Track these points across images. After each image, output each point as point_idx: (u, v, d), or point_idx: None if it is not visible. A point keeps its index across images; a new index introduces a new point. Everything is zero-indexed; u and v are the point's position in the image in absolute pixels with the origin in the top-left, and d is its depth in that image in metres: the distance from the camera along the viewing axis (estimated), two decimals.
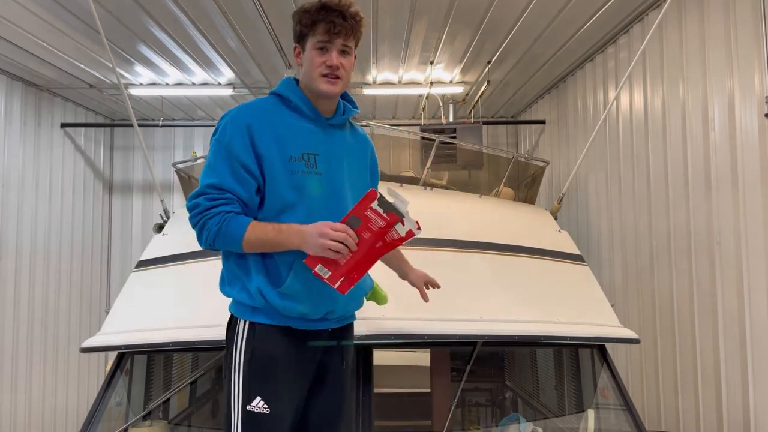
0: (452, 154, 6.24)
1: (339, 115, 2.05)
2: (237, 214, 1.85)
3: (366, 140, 2.21)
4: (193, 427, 4.18)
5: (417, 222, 1.72)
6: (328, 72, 1.91)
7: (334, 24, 1.87)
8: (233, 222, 1.83)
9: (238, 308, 1.98)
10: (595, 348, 3.43)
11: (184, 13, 5.21)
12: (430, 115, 8.22)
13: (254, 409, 1.88)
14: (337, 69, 1.92)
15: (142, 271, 3.73)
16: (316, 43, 1.91)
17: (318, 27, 1.89)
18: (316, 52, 1.92)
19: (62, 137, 7.78)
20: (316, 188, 1.92)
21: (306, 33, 1.93)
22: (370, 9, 5.22)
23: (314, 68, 1.93)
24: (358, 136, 2.17)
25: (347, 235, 1.75)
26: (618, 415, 3.24)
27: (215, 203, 1.84)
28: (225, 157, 1.87)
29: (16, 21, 5.21)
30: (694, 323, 4.36)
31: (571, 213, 6.80)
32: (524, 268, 3.61)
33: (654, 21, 4.32)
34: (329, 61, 1.90)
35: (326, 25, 1.87)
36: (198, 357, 3.96)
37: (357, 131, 2.18)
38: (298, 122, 1.97)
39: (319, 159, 1.94)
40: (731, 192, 3.95)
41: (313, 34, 1.90)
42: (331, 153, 1.98)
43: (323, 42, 1.90)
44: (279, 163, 1.89)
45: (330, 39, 1.89)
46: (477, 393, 4.79)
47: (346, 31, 1.90)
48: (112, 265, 8.99)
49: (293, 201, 1.90)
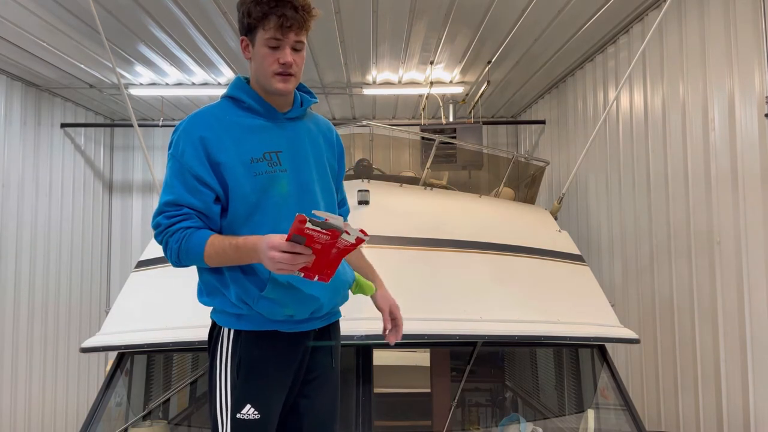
0: (452, 154, 6.25)
1: (297, 108, 1.97)
2: (197, 229, 1.80)
3: (329, 127, 2.13)
4: (193, 427, 4.18)
5: (361, 230, 1.62)
6: (281, 70, 1.83)
7: (286, 17, 1.77)
8: (193, 238, 1.78)
9: (220, 317, 1.93)
10: (595, 348, 3.43)
11: (184, 13, 5.21)
12: (430, 115, 8.22)
13: (244, 416, 1.85)
14: (291, 66, 1.84)
15: (142, 271, 3.73)
16: (268, 40, 1.81)
17: (269, 21, 1.78)
18: (267, 50, 1.82)
19: (62, 137, 7.78)
20: (284, 186, 1.87)
21: (255, 26, 1.82)
22: (370, 9, 5.22)
23: (267, 66, 1.84)
24: (321, 125, 2.10)
25: (294, 254, 1.59)
26: (618, 415, 3.24)
27: (173, 220, 1.81)
28: (178, 172, 1.84)
29: (16, 21, 5.21)
30: (694, 323, 4.36)
31: (571, 213, 6.80)
32: (524, 268, 3.61)
33: (654, 21, 4.32)
34: (282, 58, 1.82)
35: (278, 19, 1.77)
36: (198, 357, 3.96)
37: (318, 120, 2.11)
38: (255, 122, 1.91)
39: (283, 156, 1.89)
40: (731, 192, 3.95)
41: (264, 28, 1.80)
42: (294, 147, 1.93)
43: (275, 39, 1.80)
44: (240, 168, 1.83)
45: (283, 34, 1.79)
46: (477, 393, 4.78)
47: (298, 24, 1.79)
48: (112, 265, 8.99)
49: (261, 202, 1.84)
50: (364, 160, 5.39)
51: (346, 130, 6.49)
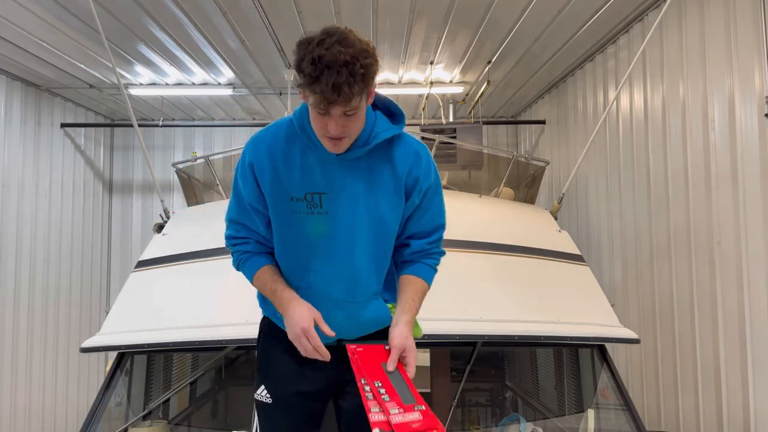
0: (452, 154, 6.25)
1: (357, 148, 1.80)
2: (252, 254, 1.95)
3: (408, 154, 1.89)
4: (193, 427, 4.18)
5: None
6: (330, 135, 1.71)
7: (327, 100, 1.60)
8: (245, 265, 1.96)
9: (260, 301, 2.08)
10: (595, 348, 3.43)
11: (184, 13, 5.21)
12: (430, 115, 8.22)
13: (259, 397, 2.01)
14: (339, 134, 1.70)
15: (142, 271, 3.73)
16: (315, 105, 1.65)
17: (314, 90, 1.60)
18: (316, 113, 1.68)
19: (62, 137, 7.78)
20: (320, 228, 1.84)
21: (304, 85, 1.64)
22: (370, 9, 5.22)
23: (317, 128, 1.73)
24: (397, 156, 1.88)
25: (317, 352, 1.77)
26: (618, 415, 3.24)
27: (234, 242, 1.98)
28: (235, 193, 1.95)
29: (16, 21, 5.21)
30: (694, 323, 4.35)
31: (571, 213, 6.80)
32: (524, 268, 3.61)
33: (654, 21, 4.32)
34: (329, 127, 1.67)
35: (321, 95, 1.60)
36: (198, 357, 3.97)
37: (396, 151, 1.88)
38: (308, 157, 1.83)
39: (326, 198, 1.82)
40: (731, 192, 3.95)
41: (312, 92, 1.62)
42: (342, 189, 1.83)
43: (321, 109, 1.64)
44: (279, 203, 1.85)
45: (327, 109, 1.63)
46: (477, 393, 4.79)
47: (345, 98, 1.59)
48: (112, 265, 8.99)
49: (294, 238, 1.88)
50: None
51: None
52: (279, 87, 7.48)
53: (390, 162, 1.87)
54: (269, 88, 7.60)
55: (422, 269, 1.98)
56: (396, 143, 1.89)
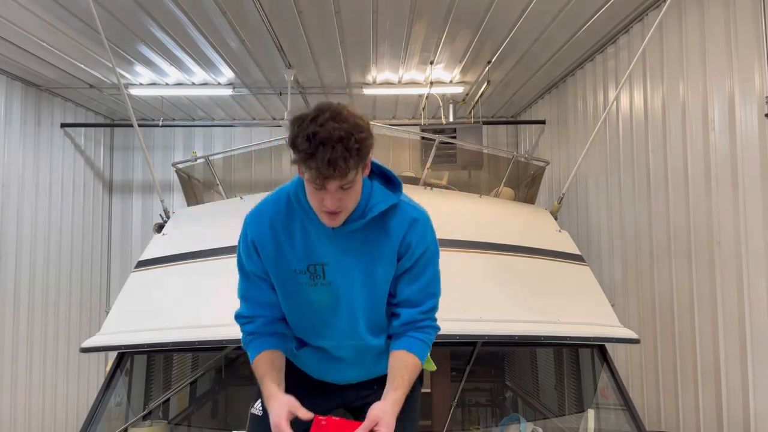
0: (452, 154, 6.26)
1: (353, 221, 1.81)
2: (255, 337, 1.97)
3: (403, 222, 1.88)
4: (193, 427, 4.19)
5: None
6: (326, 210, 1.71)
7: (323, 175, 1.60)
8: (249, 347, 1.98)
9: None
10: (595, 348, 3.43)
11: (184, 13, 5.21)
12: (430, 115, 8.22)
13: (253, 410, 2.07)
14: (335, 208, 1.70)
15: (142, 271, 3.73)
16: (310, 181, 1.66)
17: (308, 166, 1.61)
18: (312, 188, 1.68)
19: (62, 137, 7.78)
20: (324, 299, 1.88)
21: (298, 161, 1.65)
22: (370, 9, 5.22)
23: (313, 202, 1.74)
24: (392, 226, 1.88)
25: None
26: (618, 415, 3.24)
27: (241, 321, 2.01)
28: (239, 266, 1.97)
29: (16, 21, 5.21)
30: (694, 323, 4.35)
31: (571, 213, 6.80)
32: (524, 268, 3.61)
33: (654, 21, 4.31)
34: (325, 202, 1.68)
35: (316, 171, 1.60)
36: (198, 357, 3.97)
37: (391, 221, 1.88)
38: (307, 228, 1.85)
39: (329, 269, 1.85)
40: (731, 192, 3.95)
41: (307, 169, 1.62)
42: (343, 259, 1.85)
43: (316, 184, 1.65)
44: (283, 276, 1.89)
45: (322, 184, 1.63)
46: (477, 393, 4.79)
47: (340, 174, 1.60)
48: (112, 265, 8.99)
49: (297, 308, 1.94)
50: None
51: None
52: (279, 87, 7.48)
53: (385, 231, 1.88)
54: (269, 88, 7.60)
55: (412, 344, 1.91)
56: (392, 212, 1.88)
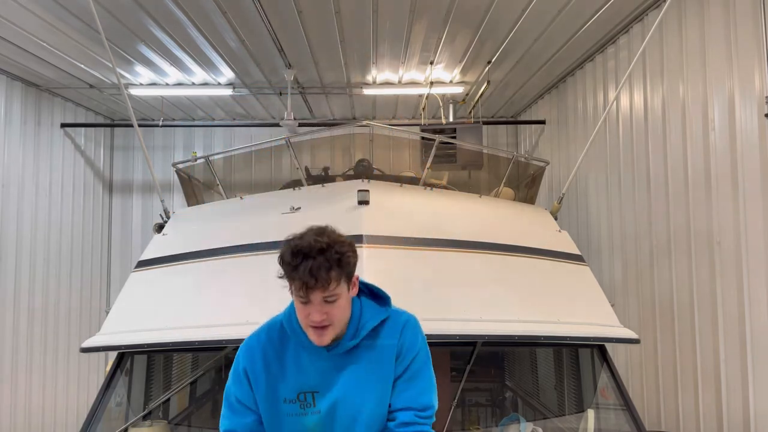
0: (452, 154, 6.25)
1: (345, 341, 1.86)
2: None
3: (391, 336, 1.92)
4: (193, 427, 4.18)
5: None
6: (313, 324, 1.76)
7: (306, 285, 1.69)
8: None
9: None
10: (595, 348, 3.43)
11: (184, 13, 5.21)
12: (430, 115, 8.22)
13: None
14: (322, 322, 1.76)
15: (142, 271, 3.73)
16: (297, 296, 1.75)
17: (294, 282, 1.72)
18: (299, 303, 1.76)
19: (62, 137, 7.78)
20: (312, 426, 1.88)
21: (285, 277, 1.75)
22: (370, 9, 5.22)
23: (300, 318, 1.80)
24: (384, 339, 1.92)
25: None
26: (618, 415, 3.24)
27: None
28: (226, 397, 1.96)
29: (16, 21, 5.21)
30: (694, 323, 4.35)
31: (571, 213, 6.80)
32: (524, 268, 3.61)
33: (654, 21, 4.31)
34: (311, 316, 1.74)
35: (300, 282, 1.70)
36: (198, 357, 3.96)
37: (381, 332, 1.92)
38: (300, 355, 1.89)
39: (319, 396, 1.87)
40: (731, 192, 3.95)
41: (292, 281, 1.73)
42: (334, 385, 1.87)
43: (301, 297, 1.73)
44: (273, 407, 1.89)
45: (307, 296, 1.72)
46: (477, 393, 4.78)
47: (323, 284, 1.69)
48: (112, 265, 8.99)
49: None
50: (364, 160, 5.39)
51: (346, 131, 6.49)
52: (279, 87, 7.49)
53: (379, 345, 1.91)
54: (269, 88, 7.60)
55: None
56: (383, 325, 1.93)
